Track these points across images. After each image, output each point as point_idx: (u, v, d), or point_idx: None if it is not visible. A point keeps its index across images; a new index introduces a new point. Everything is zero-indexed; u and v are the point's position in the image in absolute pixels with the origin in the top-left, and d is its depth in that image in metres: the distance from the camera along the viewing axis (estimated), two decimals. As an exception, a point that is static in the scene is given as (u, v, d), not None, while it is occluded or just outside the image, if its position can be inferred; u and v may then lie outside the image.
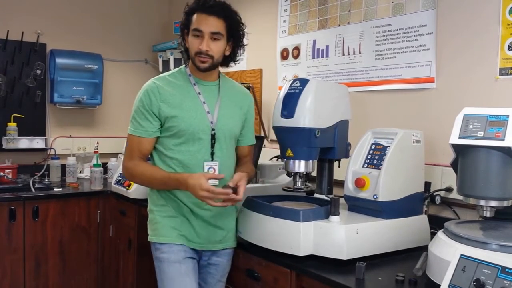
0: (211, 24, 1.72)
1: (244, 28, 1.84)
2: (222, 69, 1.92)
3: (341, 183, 1.90)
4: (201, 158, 1.77)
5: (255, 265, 1.80)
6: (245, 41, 1.88)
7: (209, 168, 1.77)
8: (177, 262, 1.76)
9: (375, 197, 1.68)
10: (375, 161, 1.78)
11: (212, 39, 1.73)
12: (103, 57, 3.62)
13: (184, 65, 1.88)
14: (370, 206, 1.72)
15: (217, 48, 1.75)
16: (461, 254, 1.22)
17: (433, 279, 1.34)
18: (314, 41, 2.65)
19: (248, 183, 1.93)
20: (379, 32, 2.31)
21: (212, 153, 1.78)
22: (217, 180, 1.74)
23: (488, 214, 1.43)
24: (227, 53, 1.82)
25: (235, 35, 1.80)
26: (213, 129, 1.77)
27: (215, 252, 1.85)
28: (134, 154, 1.80)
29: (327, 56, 2.59)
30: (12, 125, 3.27)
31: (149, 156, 1.85)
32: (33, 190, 3.11)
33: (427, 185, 1.98)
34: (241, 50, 1.87)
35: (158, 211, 1.83)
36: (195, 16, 1.74)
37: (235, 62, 1.89)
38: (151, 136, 1.78)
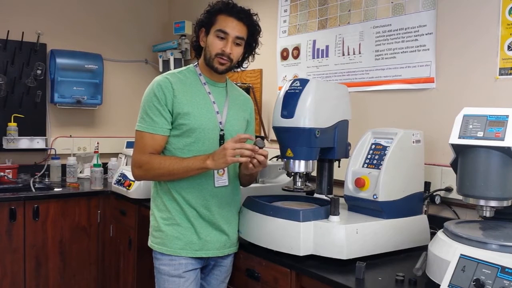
0: (237, 28, 1.73)
1: (260, 37, 1.84)
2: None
3: (341, 183, 1.90)
4: None
5: (255, 265, 1.80)
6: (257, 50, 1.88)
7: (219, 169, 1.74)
8: (176, 276, 1.73)
9: (375, 197, 1.69)
10: (375, 161, 1.78)
11: (234, 44, 1.74)
12: (103, 57, 3.62)
13: (192, 64, 1.86)
14: (370, 206, 1.72)
15: (237, 53, 1.77)
16: (461, 254, 1.23)
17: (433, 279, 1.34)
18: (314, 41, 2.66)
19: (251, 183, 1.96)
20: (379, 32, 2.31)
21: None
22: (226, 180, 1.77)
23: (487, 214, 1.43)
24: (240, 58, 1.82)
25: (251, 43, 1.81)
26: (221, 130, 1.77)
27: (221, 256, 1.83)
28: (147, 150, 1.72)
29: (327, 56, 2.59)
30: (12, 125, 3.28)
31: None
32: (34, 190, 3.12)
33: (427, 185, 1.99)
34: (251, 58, 1.88)
35: (161, 217, 1.77)
36: (220, 17, 1.73)
37: (242, 68, 1.90)
38: (165, 133, 1.73)
